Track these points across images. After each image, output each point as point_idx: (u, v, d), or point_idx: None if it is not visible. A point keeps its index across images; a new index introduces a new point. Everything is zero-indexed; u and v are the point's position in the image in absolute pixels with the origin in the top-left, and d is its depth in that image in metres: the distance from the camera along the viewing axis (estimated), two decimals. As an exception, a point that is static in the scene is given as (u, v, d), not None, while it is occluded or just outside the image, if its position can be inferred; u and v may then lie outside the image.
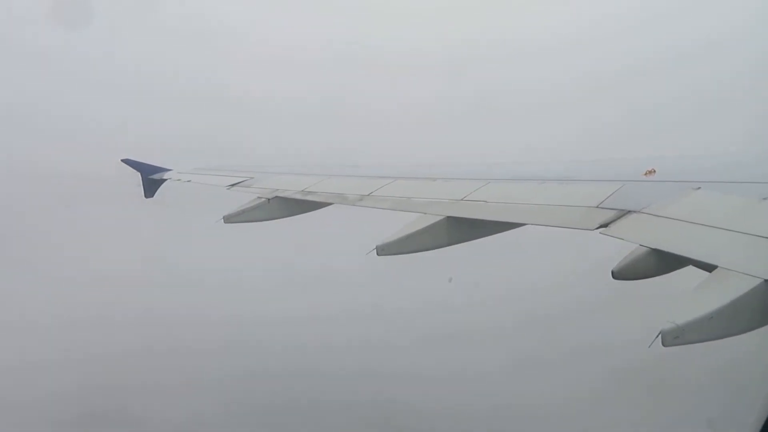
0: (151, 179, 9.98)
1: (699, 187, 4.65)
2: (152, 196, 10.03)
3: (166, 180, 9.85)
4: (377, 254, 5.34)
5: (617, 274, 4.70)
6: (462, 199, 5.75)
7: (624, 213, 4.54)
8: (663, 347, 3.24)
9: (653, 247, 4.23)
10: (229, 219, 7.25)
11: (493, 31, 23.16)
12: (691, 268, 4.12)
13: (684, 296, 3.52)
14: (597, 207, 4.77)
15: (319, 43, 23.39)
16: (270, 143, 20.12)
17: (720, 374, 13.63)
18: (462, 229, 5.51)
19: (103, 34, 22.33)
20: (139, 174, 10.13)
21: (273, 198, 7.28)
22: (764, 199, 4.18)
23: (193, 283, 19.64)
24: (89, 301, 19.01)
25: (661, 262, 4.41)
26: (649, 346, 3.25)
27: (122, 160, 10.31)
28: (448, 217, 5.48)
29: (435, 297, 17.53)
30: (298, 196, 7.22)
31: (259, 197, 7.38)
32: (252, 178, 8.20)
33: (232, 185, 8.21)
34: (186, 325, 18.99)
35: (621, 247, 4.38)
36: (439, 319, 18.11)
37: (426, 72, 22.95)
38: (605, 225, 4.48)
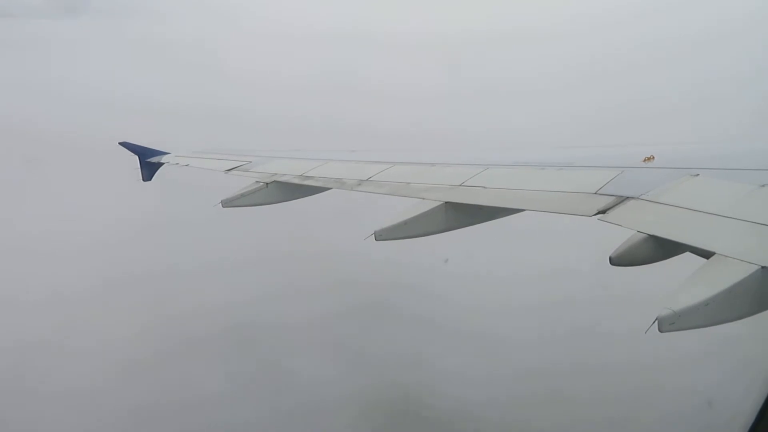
0: (149, 162, 9.91)
1: (697, 174, 4.65)
2: (150, 179, 9.96)
3: (164, 163, 9.79)
4: (375, 239, 5.33)
5: (615, 260, 4.70)
6: (460, 185, 5.73)
7: (622, 199, 4.54)
8: (659, 333, 3.25)
9: (651, 233, 4.23)
10: (227, 203, 7.22)
11: (496, 17, 23.05)
12: (688, 255, 4.13)
13: (681, 282, 3.53)
14: (595, 193, 4.77)
15: (321, 28, 23.28)
16: (269, 127, 20.05)
17: (717, 359, 13.72)
18: (460, 214, 5.50)
19: (104, 15, 22.20)
20: (137, 157, 10.06)
21: (271, 182, 7.26)
22: (762, 186, 4.18)
23: (191, 267, 19.65)
24: (83, 285, 19.01)
25: (659, 249, 4.40)
26: (646, 332, 3.27)
27: (120, 143, 10.22)
28: (447, 202, 5.46)
29: (432, 281, 17.58)
30: (297, 181, 7.19)
31: (257, 181, 7.35)
32: (250, 162, 8.17)
33: (231, 169, 8.17)
34: (184, 308, 19.01)
35: (619, 233, 4.38)
36: (435, 303, 18.17)
37: (428, 57, 22.85)
38: (603, 211, 4.48)
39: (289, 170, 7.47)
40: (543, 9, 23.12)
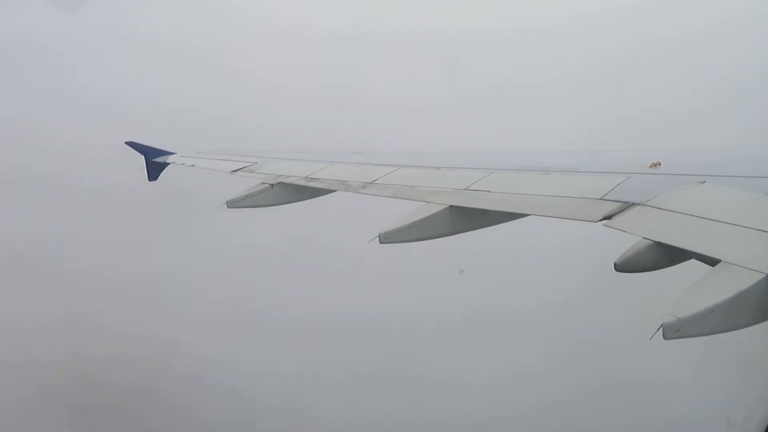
0: (155, 162, 9.94)
1: (704, 181, 4.64)
2: (156, 179, 10.00)
3: (169, 163, 9.83)
4: (380, 242, 5.35)
5: (620, 267, 4.67)
6: (465, 189, 5.73)
7: (628, 205, 4.53)
8: (664, 340, 3.24)
9: (656, 240, 4.21)
10: (232, 204, 7.25)
11: (500, 20, 22.98)
12: (693, 262, 4.11)
13: (686, 290, 3.51)
14: (601, 199, 4.76)
15: (327, 28, 23.26)
16: (275, 127, 20.04)
17: (721, 368, 13.65)
18: (465, 218, 5.50)
19: (108, 10, 22.30)
20: (142, 157, 10.11)
21: (276, 184, 7.28)
22: (769, 193, 4.16)
23: (196, 268, 19.65)
24: (88, 287, 19.01)
25: (664, 256, 4.38)
26: (650, 339, 3.26)
27: (126, 143, 10.27)
28: (451, 206, 5.47)
29: (436, 286, 17.53)
30: (302, 183, 7.21)
31: (262, 183, 7.37)
32: (256, 163, 8.18)
33: (236, 170, 8.20)
34: (187, 311, 19.02)
35: (624, 239, 4.37)
36: (439, 309, 18.12)
37: (433, 60, 22.80)
38: (608, 217, 4.47)
39: (295, 172, 7.48)
40: (547, 9, 23.02)
